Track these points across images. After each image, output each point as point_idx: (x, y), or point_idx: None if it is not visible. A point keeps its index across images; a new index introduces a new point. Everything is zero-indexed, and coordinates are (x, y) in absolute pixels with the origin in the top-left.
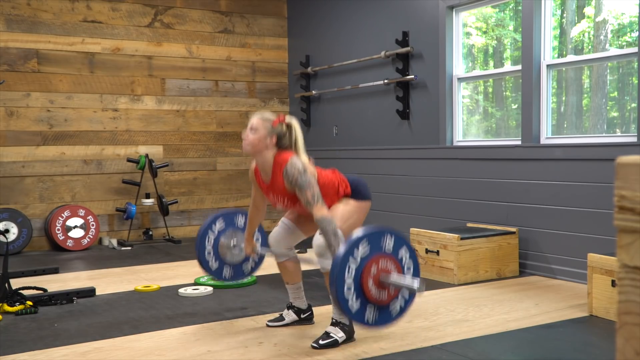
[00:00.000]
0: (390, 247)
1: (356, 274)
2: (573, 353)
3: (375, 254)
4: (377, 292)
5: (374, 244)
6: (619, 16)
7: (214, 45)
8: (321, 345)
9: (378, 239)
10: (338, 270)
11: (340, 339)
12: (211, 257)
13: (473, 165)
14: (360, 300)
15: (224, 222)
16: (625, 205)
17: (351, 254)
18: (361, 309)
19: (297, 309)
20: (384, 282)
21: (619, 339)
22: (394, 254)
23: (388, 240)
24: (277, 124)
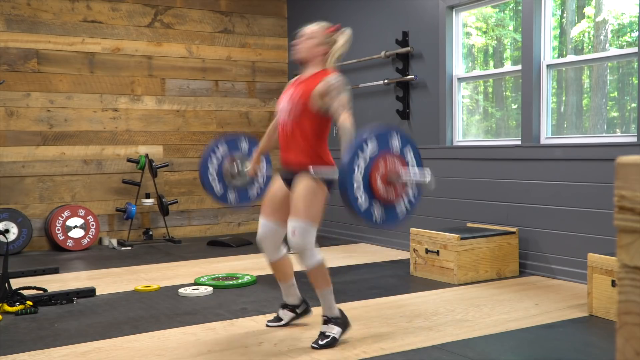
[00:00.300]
0: (398, 147)
1: (365, 171)
2: (573, 353)
3: (383, 152)
4: (385, 190)
5: (382, 143)
6: (619, 16)
7: (214, 45)
8: (321, 345)
9: (386, 137)
10: (347, 168)
11: (337, 334)
12: (215, 181)
13: (473, 165)
14: (369, 199)
15: (227, 146)
16: (625, 205)
17: (360, 152)
18: (369, 208)
19: (291, 307)
20: (392, 180)
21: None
22: (401, 153)
23: (395, 140)
24: (332, 30)
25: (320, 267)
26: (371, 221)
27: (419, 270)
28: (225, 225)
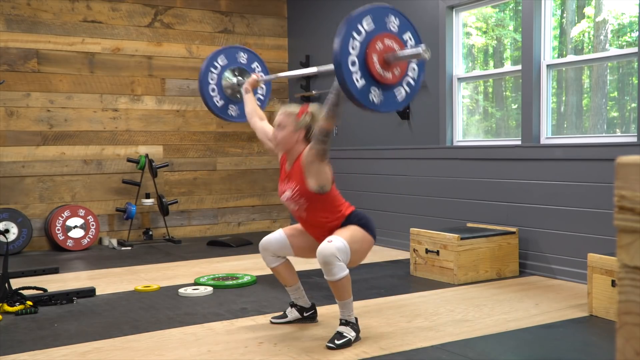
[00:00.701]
0: (396, 28)
1: (361, 48)
2: (573, 353)
3: (380, 31)
4: (382, 71)
5: (379, 22)
6: (619, 16)
7: (214, 45)
8: (337, 345)
9: (383, 16)
10: (342, 41)
11: (352, 337)
12: (215, 94)
13: (473, 165)
14: (365, 78)
15: (226, 59)
16: (625, 205)
17: (355, 28)
18: (366, 88)
19: (300, 307)
20: (390, 60)
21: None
22: (399, 35)
23: (393, 20)
24: (301, 115)
25: (345, 281)
26: (369, 104)
27: (419, 270)
28: (225, 225)
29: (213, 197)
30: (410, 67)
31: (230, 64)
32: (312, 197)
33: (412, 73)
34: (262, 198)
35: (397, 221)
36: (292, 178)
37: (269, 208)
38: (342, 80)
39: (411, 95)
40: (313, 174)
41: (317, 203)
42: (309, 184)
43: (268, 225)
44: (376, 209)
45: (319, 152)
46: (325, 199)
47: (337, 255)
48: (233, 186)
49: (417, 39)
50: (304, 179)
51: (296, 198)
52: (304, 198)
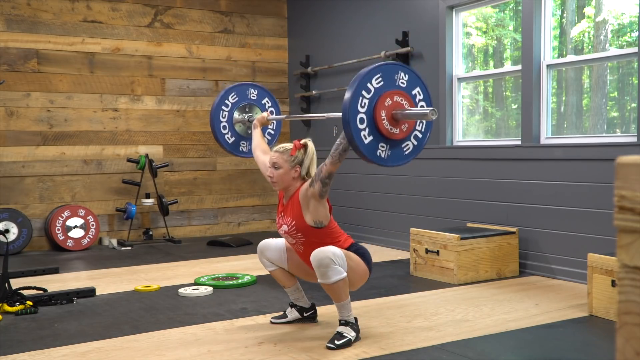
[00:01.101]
0: (405, 84)
1: (369, 106)
2: (573, 353)
3: (389, 88)
4: (390, 127)
5: (388, 79)
6: (619, 16)
7: (214, 45)
8: (338, 345)
9: (392, 73)
10: (352, 99)
11: (352, 337)
12: (227, 131)
13: (473, 165)
14: (373, 135)
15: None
16: (625, 205)
17: (365, 86)
18: (374, 144)
19: (299, 308)
20: (397, 117)
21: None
22: (408, 91)
23: (402, 77)
24: (295, 152)
25: (342, 283)
26: (377, 160)
27: (419, 270)
28: (225, 225)
29: (213, 197)
30: (418, 121)
31: (240, 100)
32: (309, 232)
33: (419, 127)
34: (262, 198)
35: (397, 221)
36: (288, 213)
37: (269, 208)
38: (350, 137)
39: (418, 149)
40: (311, 210)
41: (315, 237)
42: (306, 218)
43: (268, 225)
44: (376, 209)
45: (321, 193)
46: (323, 232)
47: (333, 258)
48: (233, 186)
49: (425, 93)
50: (301, 214)
51: (293, 232)
52: (300, 232)
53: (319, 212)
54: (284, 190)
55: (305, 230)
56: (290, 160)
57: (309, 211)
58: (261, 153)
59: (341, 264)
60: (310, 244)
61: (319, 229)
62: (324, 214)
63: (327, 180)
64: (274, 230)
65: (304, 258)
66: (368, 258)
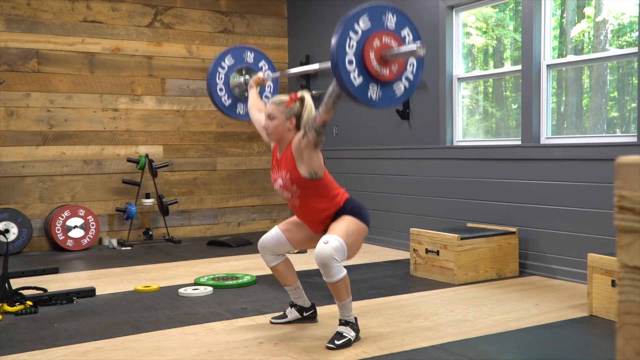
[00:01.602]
0: (393, 25)
1: (357, 46)
2: (573, 353)
3: (377, 29)
4: (379, 67)
5: (376, 20)
6: (619, 16)
7: (214, 45)
8: (338, 345)
9: (380, 14)
10: (339, 41)
11: (352, 337)
12: (223, 93)
13: (473, 165)
14: (363, 76)
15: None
16: (625, 205)
17: (352, 27)
18: (364, 85)
19: (299, 307)
20: (387, 57)
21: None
22: (396, 32)
23: (390, 17)
24: (291, 103)
25: (344, 281)
26: (367, 101)
27: (419, 270)
28: (225, 225)
29: (213, 197)
30: (409, 62)
31: (237, 63)
32: (304, 184)
33: (410, 68)
34: (262, 198)
35: (397, 221)
36: (282, 166)
37: (269, 208)
38: (339, 79)
39: (410, 90)
40: (305, 161)
41: (310, 190)
42: (300, 170)
43: (268, 225)
44: (376, 209)
45: (315, 142)
46: (319, 185)
47: (335, 257)
48: (233, 186)
49: (415, 34)
50: (295, 166)
51: (288, 185)
52: (296, 185)
53: (313, 163)
54: (278, 143)
55: (300, 182)
56: (286, 111)
57: (304, 162)
58: (257, 111)
59: (343, 257)
60: (306, 197)
61: (314, 180)
62: (318, 164)
63: (322, 129)
64: None
65: (301, 215)
66: (365, 215)
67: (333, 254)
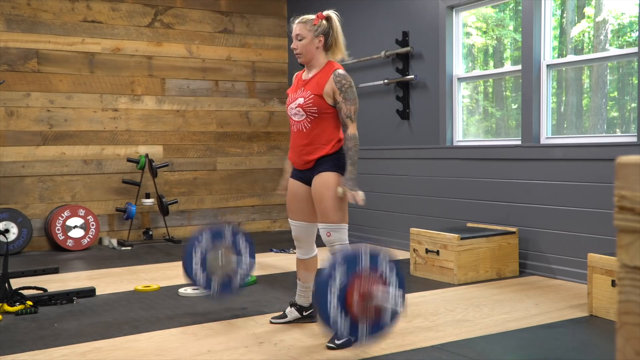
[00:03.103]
0: (368, 264)
1: (339, 298)
2: (573, 353)
3: (353, 275)
4: (359, 308)
5: (350, 266)
6: (619, 16)
7: (214, 45)
8: (338, 345)
9: (353, 261)
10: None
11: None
12: (199, 270)
13: (473, 165)
14: (350, 321)
15: (211, 236)
16: (625, 205)
17: (331, 284)
18: (354, 329)
19: (299, 307)
20: (368, 303)
21: (619, 339)
22: (373, 270)
23: (364, 258)
24: (318, 21)
25: None
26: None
27: (419, 270)
28: None
29: (213, 197)
30: None
31: (215, 240)
32: (323, 108)
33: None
34: (262, 198)
35: (397, 221)
36: (309, 87)
37: (269, 208)
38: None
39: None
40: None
41: (324, 118)
42: (325, 98)
43: (268, 225)
44: (376, 209)
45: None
46: (334, 115)
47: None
48: (233, 186)
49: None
50: (322, 92)
51: (309, 105)
52: (316, 107)
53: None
54: (308, 66)
55: (321, 107)
56: (313, 29)
57: (329, 97)
58: None
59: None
60: (316, 124)
61: (333, 108)
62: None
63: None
64: (274, 230)
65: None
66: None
67: (335, 241)
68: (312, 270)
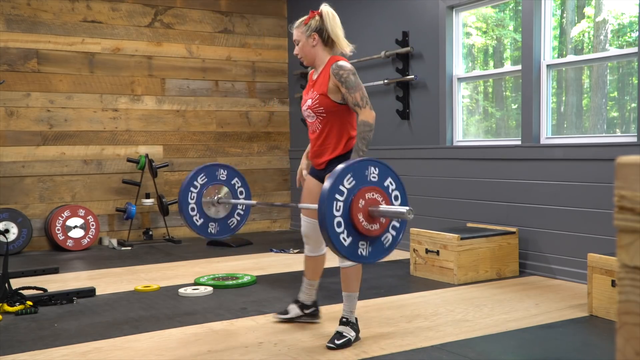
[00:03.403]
0: (376, 177)
1: (344, 208)
2: (573, 353)
3: (361, 186)
4: (367, 225)
5: (359, 176)
6: (619, 16)
7: (214, 45)
8: (337, 345)
9: (362, 170)
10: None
11: (352, 337)
12: (195, 213)
13: (473, 165)
14: (352, 236)
15: (205, 177)
16: (625, 205)
17: (337, 190)
18: (354, 244)
19: (301, 304)
20: (374, 214)
21: (619, 339)
22: (380, 184)
23: (372, 171)
24: (308, 20)
25: (355, 270)
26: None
27: (419, 270)
28: None
29: None
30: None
31: (209, 181)
32: (331, 107)
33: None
34: (262, 198)
35: None
36: (316, 87)
37: (268, 208)
38: (329, 243)
39: (397, 237)
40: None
41: (335, 115)
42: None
43: (268, 225)
44: None
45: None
46: (344, 110)
47: None
48: None
49: (397, 182)
50: (326, 89)
51: (316, 106)
52: (323, 107)
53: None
54: (314, 65)
55: (327, 106)
56: (305, 30)
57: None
58: None
59: None
60: (326, 123)
61: (340, 105)
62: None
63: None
64: (274, 230)
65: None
66: None
67: None
68: (321, 267)
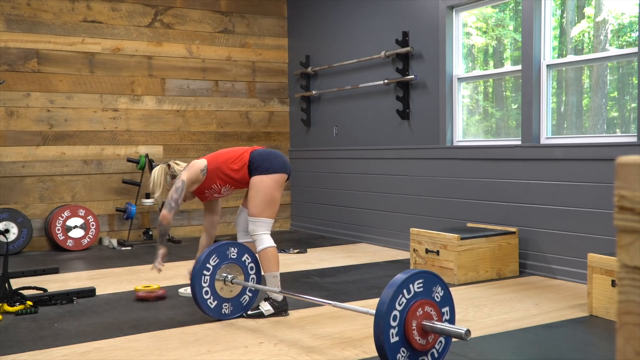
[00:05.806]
0: (439, 298)
1: (404, 307)
2: (573, 353)
3: (425, 297)
4: (418, 337)
5: (427, 288)
6: (619, 16)
7: (214, 45)
8: (248, 315)
9: (432, 284)
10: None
11: (266, 312)
12: (209, 296)
13: (473, 165)
14: (400, 338)
15: (217, 258)
16: (625, 205)
17: (406, 286)
18: (396, 346)
19: (272, 301)
20: (426, 327)
21: (619, 339)
22: (440, 306)
23: (439, 291)
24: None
25: (267, 252)
26: None
27: None
28: (225, 226)
29: None
30: (439, 339)
31: (221, 262)
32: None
33: (438, 346)
34: None
35: (397, 221)
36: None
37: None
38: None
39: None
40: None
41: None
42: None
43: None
44: (376, 209)
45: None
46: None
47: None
48: None
49: (452, 314)
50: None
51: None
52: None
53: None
54: (203, 194)
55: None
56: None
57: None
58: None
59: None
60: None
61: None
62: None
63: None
64: (274, 230)
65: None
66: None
67: (256, 230)
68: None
